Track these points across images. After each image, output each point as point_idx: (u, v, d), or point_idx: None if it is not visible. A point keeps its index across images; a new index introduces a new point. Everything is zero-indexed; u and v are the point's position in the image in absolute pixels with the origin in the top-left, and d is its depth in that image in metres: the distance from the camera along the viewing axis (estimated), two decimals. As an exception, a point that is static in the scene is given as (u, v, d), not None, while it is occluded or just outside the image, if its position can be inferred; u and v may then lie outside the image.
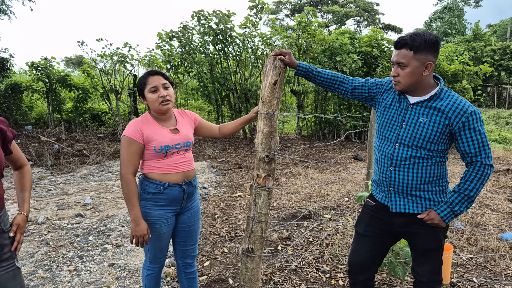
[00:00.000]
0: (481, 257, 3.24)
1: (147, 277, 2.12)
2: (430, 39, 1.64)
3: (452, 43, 24.52)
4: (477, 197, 5.06)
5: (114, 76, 10.84)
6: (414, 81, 1.70)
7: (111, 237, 3.64)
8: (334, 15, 35.18)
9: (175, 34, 9.90)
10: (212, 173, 6.60)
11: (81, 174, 6.42)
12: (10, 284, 1.53)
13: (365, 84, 1.97)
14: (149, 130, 1.93)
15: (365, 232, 1.97)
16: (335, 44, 9.73)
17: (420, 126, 1.71)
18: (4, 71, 11.19)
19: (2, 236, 1.51)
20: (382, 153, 1.84)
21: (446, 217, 1.71)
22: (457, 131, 1.68)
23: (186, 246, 2.18)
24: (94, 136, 10.30)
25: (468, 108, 1.66)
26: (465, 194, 1.69)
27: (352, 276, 2.04)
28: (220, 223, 4.09)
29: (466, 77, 10.29)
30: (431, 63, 1.66)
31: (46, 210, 4.38)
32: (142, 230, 1.88)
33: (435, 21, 34.03)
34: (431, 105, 1.71)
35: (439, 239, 1.80)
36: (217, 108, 11.23)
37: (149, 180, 1.95)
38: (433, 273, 1.85)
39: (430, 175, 1.75)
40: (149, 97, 1.93)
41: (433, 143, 1.71)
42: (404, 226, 1.83)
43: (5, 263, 1.53)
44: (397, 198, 1.81)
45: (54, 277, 2.85)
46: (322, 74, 2.00)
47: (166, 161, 1.96)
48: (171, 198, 1.99)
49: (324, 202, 4.77)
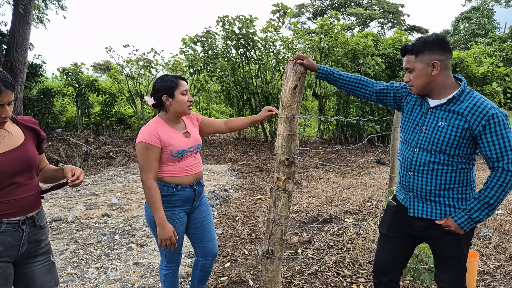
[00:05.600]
0: (509, 265, 3.13)
1: (165, 276, 2.18)
2: (429, 40, 1.65)
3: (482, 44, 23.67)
4: (507, 203, 4.88)
5: (140, 81, 11.16)
6: (425, 83, 1.68)
7: (136, 236, 3.75)
8: (358, 17, 34.73)
9: (199, 38, 10.10)
10: (233, 176, 6.67)
11: (107, 175, 6.64)
12: (45, 277, 1.63)
13: (390, 88, 1.95)
14: (165, 134, 1.97)
15: (387, 232, 1.95)
16: (358, 46, 9.63)
17: (439, 131, 1.67)
18: (36, 77, 11.72)
19: (39, 232, 1.62)
20: (402, 157, 1.83)
21: (464, 224, 1.65)
22: (477, 135, 1.61)
23: (204, 243, 2.23)
24: (120, 139, 10.63)
25: (489, 111, 1.57)
26: (485, 202, 1.61)
27: (376, 277, 2.04)
28: (240, 225, 4.14)
29: (495, 79, 9.92)
30: (437, 62, 1.63)
31: (75, 209, 4.56)
32: (168, 233, 1.93)
33: (462, 22, 32.99)
34: (450, 108, 1.66)
35: (460, 246, 1.75)
36: (239, 112, 11.34)
37: (161, 183, 2.00)
38: (456, 281, 1.80)
39: (451, 182, 1.69)
40: (180, 98, 1.99)
41: (452, 147, 1.65)
42: (423, 231, 1.80)
43: (41, 257, 1.63)
44: (415, 202, 1.79)
45: (83, 274, 2.97)
46: (344, 76, 1.98)
47: (180, 164, 2.02)
48: (184, 199, 2.06)
49: (346, 206, 4.73)
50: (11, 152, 1.49)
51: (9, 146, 1.50)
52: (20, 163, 1.51)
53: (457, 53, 9.90)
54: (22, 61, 9.44)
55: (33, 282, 1.60)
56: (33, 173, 1.59)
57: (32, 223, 1.57)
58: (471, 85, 9.88)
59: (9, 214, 1.48)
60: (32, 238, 1.58)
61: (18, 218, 1.51)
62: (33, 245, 1.59)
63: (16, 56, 9.30)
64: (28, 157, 1.54)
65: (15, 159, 1.49)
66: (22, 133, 1.59)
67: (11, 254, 1.50)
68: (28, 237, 1.55)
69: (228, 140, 11.08)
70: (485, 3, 33.29)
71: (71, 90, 11.44)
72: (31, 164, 1.56)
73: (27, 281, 1.60)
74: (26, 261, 1.59)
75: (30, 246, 1.57)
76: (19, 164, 1.50)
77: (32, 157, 1.57)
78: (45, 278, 1.63)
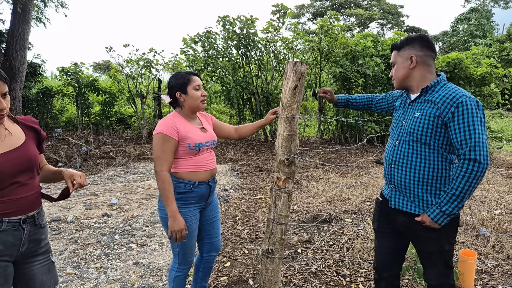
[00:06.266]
0: (507, 264, 3.14)
1: (175, 278, 2.15)
2: (412, 37, 1.81)
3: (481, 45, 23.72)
4: (505, 203, 4.90)
5: (140, 81, 11.16)
6: (403, 75, 1.82)
7: (136, 236, 3.76)
8: (357, 18, 34.79)
9: (200, 38, 10.11)
10: (233, 175, 6.68)
11: (107, 175, 6.65)
12: (45, 276, 1.64)
13: (385, 97, 2.19)
14: (183, 127, 2.01)
15: (378, 229, 2.03)
16: (358, 47, 9.65)
17: (414, 121, 1.74)
18: (36, 76, 11.71)
19: (39, 231, 1.62)
20: (386, 151, 1.91)
21: (437, 218, 1.65)
22: (447, 122, 1.63)
23: (211, 238, 2.26)
24: (120, 138, 10.63)
25: (459, 98, 1.60)
26: (452, 194, 1.61)
27: (377, 273, 2.09)
28: (241, 225, 4.14)
29: (494, 80, 9.94)
30: (414, 56, 1.75)
31: (74, 209, 4.57)
32: (179, 225, 1.93)
33: (461, 23, 33.05)
34: (425, 98, 1.75)
35: (441, 243, 1.76)
36: (239, 112, 11.35)
37: (178, 180, 2.02)
38: (442, 277, 1.82)
39: (429, 176, 1.72)
40: (193, 93, 2.04)
41: (427, 136, 1.69)
42: (405, 226, 1.84)
43: (41, 257, 1.63)
44: (397, 195, 1.85)
45: (82, 274, 2.98)
46: (358, 99, 2.28)
47: (197, 158, 2.05)
48: (199, 196, 2.07)
49: (345, 206, 4.74)
50: (12, 152, 1.49)
51: (9, 146, 1.50)
52: (21, 163, 1.51)
53: (455, 54, 9.91)
54: (21, 60, 9.44)
55: (33, 281, 1.60)
56: (34, 173, 1.59)
57: (33, 222, 1.58)
58: (470, 86, 9.90)
59: (10, 213, 1.48)
60: (33, 238, 1.58)
61: (19, 217, 1.51)
62: (33, 244, 1.59)
63: (15, 55, 9.30)
64: (29, 157, 1.55)
65: (16, 159, 1.49)
66: (23, 133, 1.59)
67: (11, 254, 1.50)
68: (28, 236, 1.56)
69: (228, 140, 11.09)
70: (484, 4, 33.36)
71: (71, 90, 11.43)
72: (32, 164, 1.56)
73: (27, 280, 1.60)
74: (26, 260, 1.59)
75: (30, 245, 1.58)
76: (20, 164, 1.50)
77: (33, 157, 1.57)
78: (44, 278, 1.63)
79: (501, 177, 6.75)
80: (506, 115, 17.86)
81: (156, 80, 11.09)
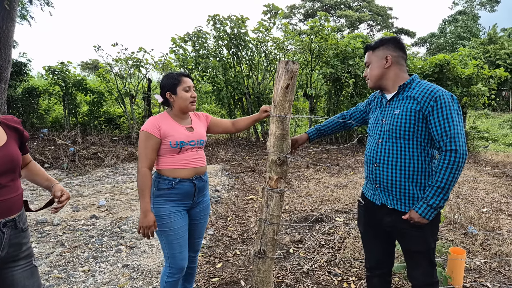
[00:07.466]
0: (495, 262, 3.18)
1: (167, 284, 2.12)
2: (386, 38, 1.86)
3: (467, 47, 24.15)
4: (491, 201, 4.97)
5: (129, 80, 11.03)
6: (378, 75, 1.86)
7: (125, 238, 3.70)
8: (347, 19, 35.03)
9: (190, 37, 10.04)
10: (224, 176, 6.64)
11: (96, 176, 6.54)
12: (27, 281, 1.57)
13: (356, 108, 2.22)
14: (167, 126, 2.05)
15: (364, 230, 2.04)
16: (348, 48, 9.71)
17: (395, 118, 1.77)
18: (21, 75, 11.47)
19: (20, 235, 1.56)
20: (368, 151, 1.91)
21: (425, 213, 1.66)
22: (427, 115, 1.69)
23: (191, 238, 2.26)
24: (108, 139, 10.48)
25: (437, 92, 1.67)
26: (437, 186, 1.63)
27: (368, 270, 2.10)
28: (232, 225, 4.12)
29: (480, 81, 10.11)
30: (389, 56, 1.81)
31: (61, 211, 4.48)
32: (148, 222, 1.96)
33: (449, 24, 33.58)
34: (403, 95, 1.79)
35: (427, 241, 1.78)
36: (230, 112, 11.30)
37: (161, 177, 2.05)
38: (426, 276, 1.83)
39: (414, 172, 1.73)
40: (182, 94, 2.07)
41: (410, 132, 1.72)
42: (392, 226, 1.84)
43: (23, 261, 1.57)
44: (382, 193, 1.85)
45: (69, 277, 2.91)
46: (329, 124, 2.26)
47: (180, 156, 2.07)
48: (183, 193, 2.08)
49: (336, 206, 4.75)
50: None
51: None
52: (3, 164, 1.45)
53: (443, 55, 10.06)
54: (6, 59, 9.22)
55: (14, 287, 1.54)
56: (16, 174, 1.53)
57: (14, 226, 1.51)
58: (457, 87, 10.05)
59: None
60: (13, 242, 1.52)
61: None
62: (13, 248, 1.52)
63: (0, 54, 9.08)
64: (11, 157, 1.49)
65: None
66: (5, 133, 1.54)
67: None
68: (9, 240, 1.49)
69: (219, 141, 11.04)
70: (471, 7, 33.96)
71: (58, 89, 11.21)
72: (14, 165, 1.50)
73: (7, 286, 1.53)
74: (6, 265, 1.52)
75: (10, 250, 1.51)
76: (1, 165, 1.44)
77: (15, 158, 1.51)
78: (27, 283, 1.57)
79: (487, 176, 6.87)
80: (491, 115, 18.20)
81: (145, 80, 10.98)
